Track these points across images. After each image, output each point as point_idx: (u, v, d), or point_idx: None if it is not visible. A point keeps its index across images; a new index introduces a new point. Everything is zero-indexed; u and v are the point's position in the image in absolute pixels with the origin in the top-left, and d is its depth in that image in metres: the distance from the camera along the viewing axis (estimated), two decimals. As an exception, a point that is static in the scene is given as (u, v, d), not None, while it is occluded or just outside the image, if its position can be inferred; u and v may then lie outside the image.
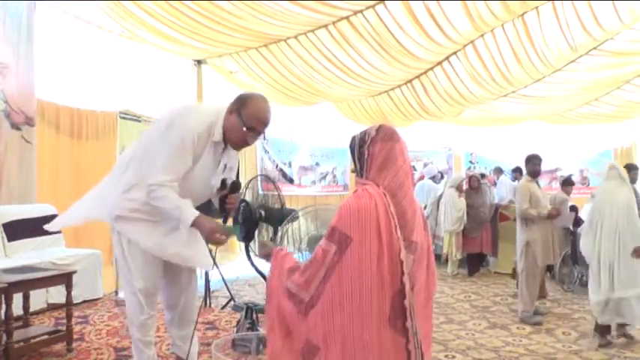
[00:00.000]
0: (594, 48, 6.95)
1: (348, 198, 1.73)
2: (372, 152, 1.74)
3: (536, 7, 6.12)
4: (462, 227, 7.32)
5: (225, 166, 2.48)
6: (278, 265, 1.79)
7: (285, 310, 1.69)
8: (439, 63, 7.52)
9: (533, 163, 5.35)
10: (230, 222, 2.65)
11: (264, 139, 2.55)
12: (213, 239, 2.33)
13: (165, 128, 2.37)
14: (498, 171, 9.76)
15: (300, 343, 1.67)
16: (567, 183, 6.99)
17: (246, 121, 2.33)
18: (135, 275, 2.47)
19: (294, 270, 1.71)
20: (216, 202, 2.58)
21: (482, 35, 6.73)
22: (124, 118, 6.02)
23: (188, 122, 2.34)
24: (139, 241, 2.44)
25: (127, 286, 2.57)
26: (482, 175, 8.36)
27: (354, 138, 1.84)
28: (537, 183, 5.34)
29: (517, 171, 9.07)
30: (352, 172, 1.93)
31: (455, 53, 7.21)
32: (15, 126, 4.98)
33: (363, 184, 1.73)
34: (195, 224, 2.30)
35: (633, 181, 5.44)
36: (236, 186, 2.48)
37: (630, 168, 5.24)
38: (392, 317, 1.62)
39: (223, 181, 2.45)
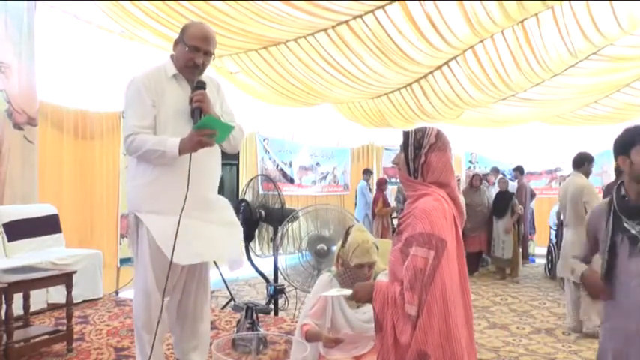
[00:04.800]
0: (594, 53, 6.96)
1: (427, 202, 1.71)
2: (430, 160, 1.77)
3: (536, 14, 6.12)
4: None
5: None
6: (388, 293, 1.72)
7: (404, 334, 1.66)
8: (439, 67, 7.53)
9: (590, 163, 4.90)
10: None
11: (213, 59, 2.55)
12: (201, 146, 2.33)
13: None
14: (495, 171, 9.78)
15: (409, 354, 1.65)
16: None
17: (188, 42, 2.42)
18: (147, 271, 2.45)
19: (402, 292, 1.67)
20: None
21: (481, 41, 6.74)
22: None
23: (133, 78, 2.49)
24: (157, 238, 2.40)
25: (137, 281, 2.56)
26: (484, 175, 8.40)
27: (407, 136, 1.83)
28: None
29: (518, 170, 9.07)
30: (394, 164, 1.93)
31: (454, 58, 7.22)
32: (17, 126, 4.99)
33: (428, 187, 1.76)
34: (182, 150, 2.32)
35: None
36: (200, 83, 2.45)
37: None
38: (470, 312, 1.79)
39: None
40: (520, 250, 7.75)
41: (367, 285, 1.84)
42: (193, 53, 2.42)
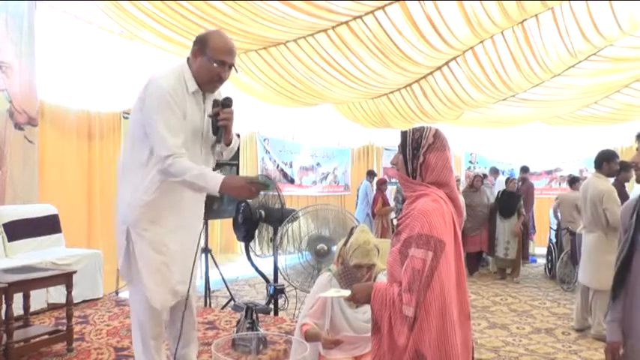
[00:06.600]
0: (593, 54, 6.97)
1: (425, 203, 1.70)
2: (429, 160, 1.76)
3: (536, 15, 6.13)
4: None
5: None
6: (387, 294, 1.71)
7: (401, 335, 1.66)
8: (438, 68, 7.54)
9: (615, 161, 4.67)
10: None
11: (236, 71, 2.47)
12: (244, 196, 2.27)
13: (141, 106, 2.34)
14: (495, 171, 9.78)
15: (406, 355, 1.65)
16: (577, 180, 7.15)
17: (213, 56, 2.30)
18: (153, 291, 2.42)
19: (400, 293, 1.66)
20: (211, 163, 2.52)
21: (481, 42, 6.75)
22: (127, 118, 6.03)
23: (157, 84, 2.30)
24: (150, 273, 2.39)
25: (135, 295, 2.49)
26: (485, 176, 8.41)
27: (405, 136, 1.82)
28: None
29: (525, 171, 9.05)
30: (392, 164, 1.92)
31: (454, 59, 7.23)
32: (18, 126, 5.00)
33: (427, 187, 1.75)
34: (222, 188, 2.23)
35: (627, 179, 5.38)
36: (228, 101, 2.39)
37: (624, 166, 5.17)
38: (467, 313, 1.76)
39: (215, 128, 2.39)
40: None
41: (366, 286, 1.82)
42: (220, 68, 2.32)
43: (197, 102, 2.40)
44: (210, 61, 2.30)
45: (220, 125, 2.35)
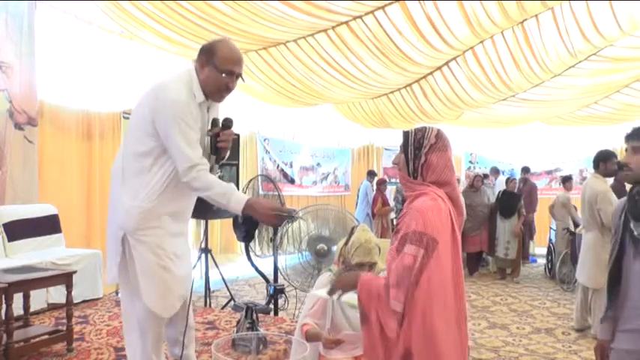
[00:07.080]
0: (593, 54, 6.97)
1: (423, 202, 1.71)
2: (430, 160, 1.76)
3: (536, 15, 6.13)
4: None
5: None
6: (373, 286, 1.72)
7: (390, 329, 1.66)
8: (438, 68, 7.54)
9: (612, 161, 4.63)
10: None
11: (243, 80, 2.45)
12: (267, 223, 2.28)
13: (150, 115, 2.27)
14: (495, 171, 9.77)
15: (395, 352, 1.66)
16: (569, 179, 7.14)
17: (220, 66, 2.26)
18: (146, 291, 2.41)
19: (388, 287, 1.66)
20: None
21: (481, 42, 6.75)
22: (127, 118, 6.04)
23: (171, 97, 2.23)
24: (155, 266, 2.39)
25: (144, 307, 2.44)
26: (486, 176, 8.41)
27: (407, 136, 1.83)
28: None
29: (527, 171, 9.04)
30: (394, 164, 1.93)
31: (454, 59, 7.23)
32: (18, 126, 5.00)
33: (427, 186, 1.76)
34: (246, 210, 2.22)
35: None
36: (228, 122, 2.35)
37: (622, 166, 5.15)
38: (463, 314, 1.75)
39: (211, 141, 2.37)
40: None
41: (351, 275, 1.84)
42: (228, 78, 2.30)
43: (202, 113, 2.37)
44: (218, 71, 2.27)
45: (219, 147, 2.36)
